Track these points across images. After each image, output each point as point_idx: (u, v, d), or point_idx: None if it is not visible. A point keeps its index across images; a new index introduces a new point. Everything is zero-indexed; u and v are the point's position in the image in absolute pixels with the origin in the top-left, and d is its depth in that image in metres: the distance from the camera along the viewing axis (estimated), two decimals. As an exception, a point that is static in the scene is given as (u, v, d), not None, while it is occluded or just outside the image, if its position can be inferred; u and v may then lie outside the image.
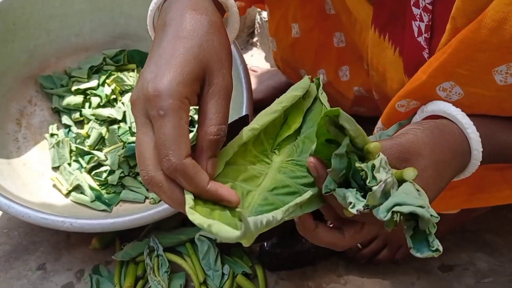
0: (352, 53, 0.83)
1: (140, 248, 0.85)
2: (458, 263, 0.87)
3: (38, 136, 1.01)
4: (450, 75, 0.51)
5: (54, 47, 1.06)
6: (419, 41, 0.60)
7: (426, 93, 0.54)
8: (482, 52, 0.48)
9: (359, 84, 0.86)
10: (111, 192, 0.95)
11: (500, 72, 0.48)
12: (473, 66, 0.49)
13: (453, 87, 0.51)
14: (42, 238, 0.90)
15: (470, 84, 0.50)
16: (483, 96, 0.50)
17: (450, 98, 0.52)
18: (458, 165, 0.52)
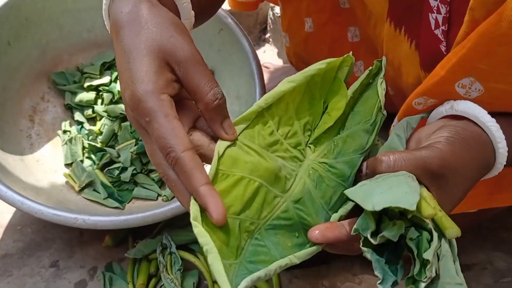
0: (367, 48, 0.82)
1: (153, 246, 0.84)
2: (476, 262, 0.85)
3: (51, 133, 1.01)
4: (469, 70, 0.49)
5: (67, 43, 1.06)
6: (436, 34, 0.58)
7: (444, 90, 0.52)
8: (503, 45, 0.46)
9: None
10: (123, 189, 0.95)
11: None
12: (493, 61, 0.47)
13: (473, 83, 0.49)
14: (55, 235, 0.90)
15: (490, 79, 0.49)
16: (504, 92, 0.49)
17: (470, 95, 0.50)
18: (480, 177, 0.51)
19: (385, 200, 0.40)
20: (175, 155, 0.43)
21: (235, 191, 0.44)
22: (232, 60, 0.99)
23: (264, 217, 0.45)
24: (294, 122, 0.49)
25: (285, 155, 0.48)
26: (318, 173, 0.48)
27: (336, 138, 0.50)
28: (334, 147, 0.49)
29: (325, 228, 0.45)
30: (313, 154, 0.49)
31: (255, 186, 0.45)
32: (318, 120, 0.51)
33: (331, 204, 0.47)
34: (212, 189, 0.42)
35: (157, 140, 0.43)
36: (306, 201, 0.46)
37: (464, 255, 0.86)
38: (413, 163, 0.46)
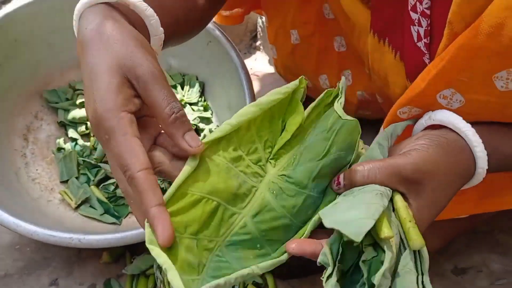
0: (354, 57, 0.82)
1: (149, 261, 0.84)
2: (471, 265, 0.85)
3: (45, 151, 1.02)
4: (449, 82, 0.50)
5: (57, 60, 1.06)
6: (419, 47, 0.59)
7: (426, 100, 0.53)
8: (481, 58, 0.46)
9: (362, 88, 0.85)
10: (120, 204, 0.95)
11: (500, 78, 0.47)
12: (472, 73, 0.48)
13: (454, 94, 0.50)
14: (54, 253, 0.91)
15: (470, 91, 0.49)
16: (485, 103, 0.49)
17: (451, 106, 0.51)
18: (462, 183, 0.51)
19: (337, 221, 0.42)
20: (130, 174, 0.43)
21: (193, 211, 0.45)
22: (222, 71, 0.99)
23: (222, 234, 0.47)
24: (255, 140, 0.51)
25: (247, 170, 0.49)
26: (277, 185, 0.49)
27: (295, 151, 0.52)
28: (293, 160, 0.51)
29: (303, 242, 0.47)
30: (273, 169, 0.51)
31: (213, 205, 0.46)
32: (277, 137, 0.53)
33: (295, 211, 0.48)
34: (162, 211, 0.43)
35: (115, 158, 0.44)
36: (265, 213, 0.48)
37: (459, 258, 0.86)
38: (387, 171, 0.47)
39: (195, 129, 1.02)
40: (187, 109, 1.04)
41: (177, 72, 1.10)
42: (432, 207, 0.49)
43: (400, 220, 0.46)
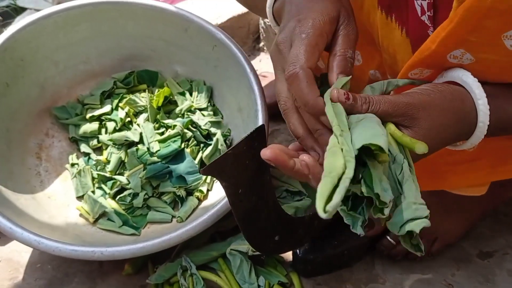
0: (362, 38, 0.81)
1: (173, 269, 0.84)
2: (496, 248, 0.85)
3: (59, 168, 1.02)
4: (459, 43, 0.51)
5: (64, 77, 1.07)
6: (423, 20, 0.59)
7: (437, 61, 0.54)
8: (490, 18, 0.48)
9: (375, 67, 0.84)
10: (137, 215, 0.95)
11: (509, 37, 0.48)
12: (482, 33, 0.49)
13: (464, 54, 0.52)
14: (76, 269, 0.91)
15: (480, 50, 0.51)
16: (494, 62, 0.51)
17: (462, 63, 0.53)
18: (461, 131, 0.52)
19: (364, 138, 0.44)
20: (297, 68, 0.50)
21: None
22: (230, 74, 0.99)
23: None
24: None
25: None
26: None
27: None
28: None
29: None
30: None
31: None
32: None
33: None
34: (322, 107, 0.50)
35: (297, 51, 0.51)
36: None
37: (484, 242, 0.85)
38: (389, 105, 0.50)
39: (206, 133, 1.02)
40: (197, 115, 1.04)
41: (184, 79, 1.09)
42: (425, 140, 0.50)
43: (396, 138, 0.49)
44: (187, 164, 0.96)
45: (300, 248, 0.82)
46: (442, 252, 0.84)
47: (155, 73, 1.11)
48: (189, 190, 0.95)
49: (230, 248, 0.83)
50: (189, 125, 1.02)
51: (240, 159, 0.59)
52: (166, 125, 1.02)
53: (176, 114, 1.06)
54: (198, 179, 0.95)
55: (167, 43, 1.06)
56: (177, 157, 0.97)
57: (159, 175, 0.96)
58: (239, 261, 0.82)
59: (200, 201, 0.95)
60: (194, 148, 1.00)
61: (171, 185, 0.96)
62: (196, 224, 0.81)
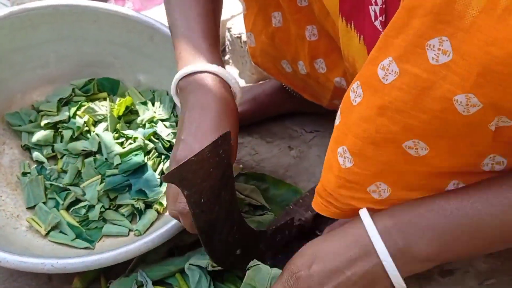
0: (327, 46, 0.81)
1: (127, 284, 0.80)
2: (458, 266, 0.84)
3: (9, 176, 0.96)
4: (389, 47, 0.48)
5: (19, 81, 1.02)
6: (376, 26, 0.59)
7: (370, 72, 0.51)
8: (417, 18, 0.45)
9: (340, 74, 0.84)
10: (92, 228, 0.90)
11: (432, 48, 0.44)
12: (409, 35, 0.46)
13: (391, 64, 0.48)
14: (23, 283, 0.85)
15: (404, 59, 0.47)
16: (415, 78, 0.46)
17: (386, 80, 0.49)
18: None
19: None
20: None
21: None
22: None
23: None
24: None
25: None
26: None
27: None
28: None
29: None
30: None
31: None
32: None
33: None
34: None
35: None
36: None
37: (446, 260, 0.85)
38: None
39: (168, 146, 0.99)
40: (159, 126, 1.01)
41: (146, 88, 1.07)
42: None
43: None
44: (148, 177, 0.93)
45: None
46: (405, 270, 0.83)
47: (117, 82, 1.07)
48: (148, 202, 0.92)
49: (189, 263, 0.79)
50: (151, 136, 0.99)
51: (203, 166, 0.56)
52: (126, 136, 0.98)
53: (137, 124, 1.02)
54: (158, 193, 0.92)
55: (131, 50, 1.04)
56: (138, 170, 0.94)
57: (118, 188, 0.92)
58: (198, 276, 0.79)
59: (160, 214, 0.92)
60: (155, 160, 0.97)
61: (130, 197, 0.92)
62: (155, 237, 0.77)
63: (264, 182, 0.98)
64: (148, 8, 1.28)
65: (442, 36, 0.43)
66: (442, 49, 0.44)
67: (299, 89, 0.99)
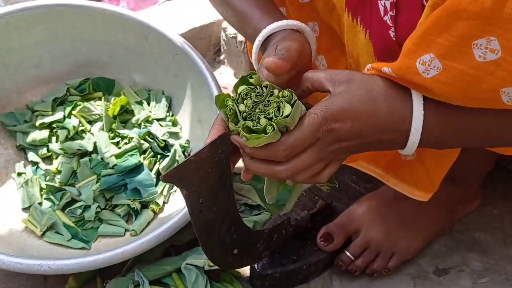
0: (328, 42, 0.81)
1: (124, 284, 0.80)
2: (452, 265, 0.85)
3: (4, 177, 0.96)
4: (430, 45, 0.50)
5: (14, 81, 1.02)
6: (385, 20, 0.60)
7: (407, 64, 0.53)
8: (463, 20, 0.47)
9: None
10: (88, 228, 0.90)
11: (479, 47, 0.48)
12: (453, 36, 0.49)
13: (433, 60, 0.51)
14: (18, 283, 0.85)
15: (448, 56, 0.50)
16: (461, 73, 0.50)
17: (428, 74, 0.51)
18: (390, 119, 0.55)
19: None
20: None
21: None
22: (190, 84, 0.97)
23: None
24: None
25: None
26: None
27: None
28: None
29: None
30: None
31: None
32: None
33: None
34: None
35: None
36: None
37: (440, 259, 0.86)
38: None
39: (164, 145, 0.99)
40: (154, 125, 1.01)
41: (142, 87, 1.06)
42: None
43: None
44: (143, 177, 0.93)
45: (258, 262, 0.80)
46: (399, 268, 0.83)
47: (112, 81, 1.07)
48: (144, 202, 0.92)
49: (185, 263, 0.80)
50: (146, 136, 0.99)
51: (202, 166, 0.56)
52: (121, 135, 0.98)
53: (133, 124, 1.02)
54: (154, 192, 0.92)
55: (126, 50, 1.03)
56: (133, 170, 0.94)
57: (114, 187, 0.92)
58: (195, 276, 0.79)
59: (156, 214, 0.92)
60: (151, 159, 0.97)
61: (126, 197, 0.92)
62: (152, 237, 0.77)
63: (260, 181, 0.98)
64: (143, 8, 1.27)
65: (490, 36, 0.47)
66: (490, 48, 0.47)
67: None
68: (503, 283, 0.82)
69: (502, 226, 0.91)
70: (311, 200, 0.89)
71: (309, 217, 0.84)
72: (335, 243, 0.81)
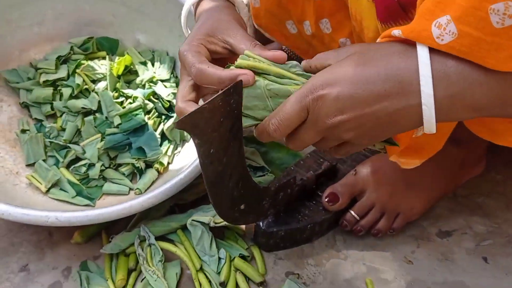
0: (332, 5, 0.80)
1: (130, 239, 0.80)
2: (456, 228, 0.86)
3: (8, 133, 0.95)
4: (449, 4, 0.47)
5: (16, 38, 1.00)
6: None
7: (422, 27, 0.49)
8: None
9: (346, 35, 0.83)
10: (92, 186, 0.90)
11: (497, 12, 0.44)
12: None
13: (449, 23, 0.47)
14: (22, 238, 0.85)
15: (464, 21, 0.46)
16: (477, 41, 0.46)
17: (443, 40, 0.47)
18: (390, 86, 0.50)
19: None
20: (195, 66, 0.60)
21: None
22: (196, 44, 0.96)
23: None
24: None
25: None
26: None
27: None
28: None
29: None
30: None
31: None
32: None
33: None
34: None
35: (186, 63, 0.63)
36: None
37: (443, 222, 0.86)
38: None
39: (168, 106, 0.99)
40: (159, 86, 1.00)
41: (146, 48, 1.05)
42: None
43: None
44: (148, 136, 0.92)
45: (263, 220, 0.80)
46: (403, 230, 0.84)
47: (116, 41, 1.06)
48: (148, 162, 0.92)
49: (191, 219, 0.80)
50: (151, 96, 0.98)
51: (214, 115, 0.56)
52: (126, 95, 0.97)
53: (137, 85, 1.01)
54: (158, 152, 0.92)
55: (130, 9, 1.02)
56: (138, 129, 0.93)
57: (118, 146, 0.92)
58: (200, 232, 0.79)
59: (160, 173, 0.92)
60: (156, 120, 0.96)
61: (130, 156, 0.92)
62: (158, 193, 0.77)
63: (264, 145, 0.98)
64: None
65: (509, 1, 0.43)
66: (508, 13, 0.43)
67: (302, 51, 0.98)
68: (505, 245, 0.83)
69: (505, 191, 0.91)
70: (316, 162, 0.89)
71: (315, 177, 0.84)
72: (340, 203, 0.81)
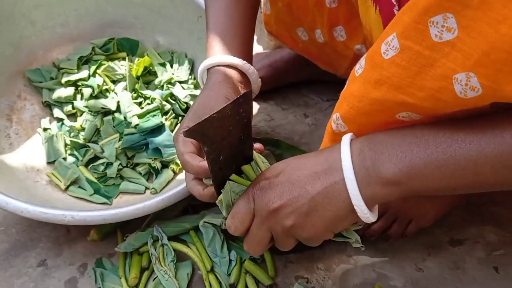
0: (347, 13, 0.80)
1: (143, 238, 0.82)
2: (468, 237, 0.85)
3: (30, 131, 0.98)
4: (397, 23, 0.47)
5: (40, 38, 1.03)
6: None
7: (375, 46, 0.51)
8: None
9: (361, 42, 0.83)
10: (110, 184, 0.92)
11: (435, 25, 0.43)
12: (412, 11, 0.45)
13: (393, 40, 0.48)
14: (41, 234, 0.88)
15: (406, 35, 0.46)
16: (417, 54, 0.46)
17: (387, 55, 0.48)
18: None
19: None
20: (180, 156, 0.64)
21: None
22: (213, 47, 0.97)
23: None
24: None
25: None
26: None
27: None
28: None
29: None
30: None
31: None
32: None
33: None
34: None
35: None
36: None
37: (455, 230, 0.86)
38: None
39: (186, 107, 1.00)
40: (177, 87, 1.02)
41: (165, 50, 1.07)
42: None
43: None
44: (164, 137, 0.94)
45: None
46: (415, 237, 0.84)
47: (136, 42, 1.08)
48: (164, 162, 0.94)
49: (203, 221, 0.82)
50: (169, 98, 1.00)
51: (224, 124, 0.57)
52: (144, 96, 0.99)
53: (155, 86, 1.03)
54: (174, 153, 0.93)
55: (151, 11, 1.04)
56: (155, 130, 0.95)
57: (135, 146, 0.94)
58: (212, 233, 0.81)
59: (176, 174, 0.93)
60: (173, 121, 0.98)
61: (147, 156, 0.94)
62: (172, 194, 0.79)
63: (278, 147, 0.99)
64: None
65: (447, 13, 0.42)
66: (446, 26, 0.43)
67: (314, 57, 0.99)
68: (517, 256, 0.82)
69: (520, 201, 0.91)
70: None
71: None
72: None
